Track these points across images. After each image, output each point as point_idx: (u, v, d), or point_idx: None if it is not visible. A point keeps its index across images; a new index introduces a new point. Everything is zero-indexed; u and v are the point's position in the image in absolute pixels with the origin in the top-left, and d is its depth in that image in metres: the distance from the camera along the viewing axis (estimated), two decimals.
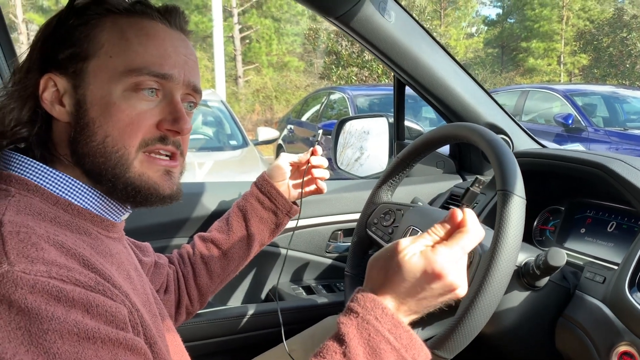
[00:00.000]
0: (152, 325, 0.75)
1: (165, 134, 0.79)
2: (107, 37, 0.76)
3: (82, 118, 0.75)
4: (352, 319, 0.69)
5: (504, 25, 29.62)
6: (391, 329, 0.68)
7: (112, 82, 0.75)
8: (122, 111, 0.75)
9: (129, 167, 0.76)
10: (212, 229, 1.28)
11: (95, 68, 0.75)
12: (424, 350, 0.71)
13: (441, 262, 0.68)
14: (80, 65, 0.75)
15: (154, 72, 0.76)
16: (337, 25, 1.39)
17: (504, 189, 0.90)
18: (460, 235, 0.71)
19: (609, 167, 1.10)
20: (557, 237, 1.29)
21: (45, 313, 0.56)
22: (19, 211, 0.67)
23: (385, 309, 0.69)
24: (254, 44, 23.30)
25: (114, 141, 0.75)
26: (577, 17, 24.95)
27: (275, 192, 1.27)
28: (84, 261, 0.64)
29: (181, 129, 0.79)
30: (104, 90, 0.75)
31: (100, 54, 0.75)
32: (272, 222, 1.28)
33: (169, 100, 0.79)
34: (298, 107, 10.27)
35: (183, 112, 0.80)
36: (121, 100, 0.75)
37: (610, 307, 0.95)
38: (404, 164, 1.27)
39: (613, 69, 22.45)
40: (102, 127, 0.75)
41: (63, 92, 0.76)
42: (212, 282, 1.23)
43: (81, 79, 0.76)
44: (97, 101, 0.75)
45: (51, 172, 0.74)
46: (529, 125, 7.34)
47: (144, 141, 0.77)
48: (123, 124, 0.75)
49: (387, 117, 1.85)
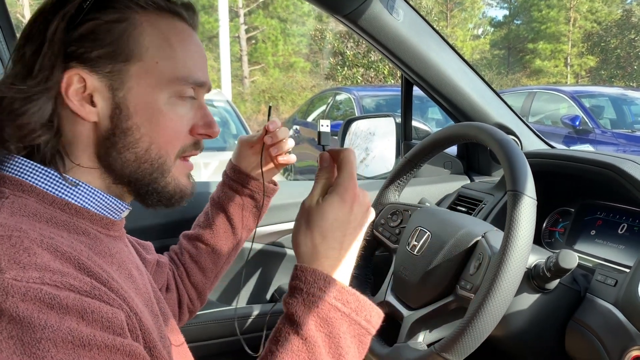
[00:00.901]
0: (154, 326, 0.73)
1: (197, 139, 0.80)
2: (150, 40, 0.73)
3: (123, 122, 0.73)
4: (298, 297, 0.70)
5: (510, 27, 29.58)
6: (337, 295, 0.70)
7: (158, 89, 0.74)
8: (170, 120, 0.75)
9: (167, 172, 0.77)
10: (195, 226, 1.25)
11: (140, 72, 0.73)
12: (375, 310, 0.74)
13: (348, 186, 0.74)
14: (120, 66, 0.72)
15: (197, 82, 0.77)
16: (345, 23, 1.38)
17: (515, 189, 0.89)
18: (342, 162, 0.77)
19: (621, 168, 1.09)
20: (567, 239, 1.27)
21: (38, 321, 0.54)
22: (13, 213, 0.65)
23: (327, 277, 0.70)
24: (260, 44, 23.36)
25: (158, 148, 0.75)
26: (585, 18, 24.88)
27: (244, 176, 1.22)
28: (79, 265, 0.62)
29: (214, 132, 0.81)
30: (150, 96, 0.74)
31: (146, 59, 0.73)
32: (252, 205, 1.23)
33: (197, 104, 0.80)
34: (304, 107, 10.27)
35: (212, 116, 0.81)
36: (168, 108, 0.75)
37: (622, 311, 0.93)
38: (412, 164, 1.25)
39: (620, 70, 22.36)
40: (148, 135, 0.74)
41: (92, 91, 0.72)
42: (207, 278, 1.21)
43: (121, 80, 0.72)
44: (141, 106, 0.73)
45: (47, 172, 0.71)
46: (535, 126, 7.29)
47: (182, 149, 0.78)
48: (168, 131, 0.75)
49: (394, 117, 1.84)
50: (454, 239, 1.02)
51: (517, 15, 29.56)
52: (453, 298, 0.99)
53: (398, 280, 1.12)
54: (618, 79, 22.15)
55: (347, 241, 0.74)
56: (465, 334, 0.83)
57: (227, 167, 1.26)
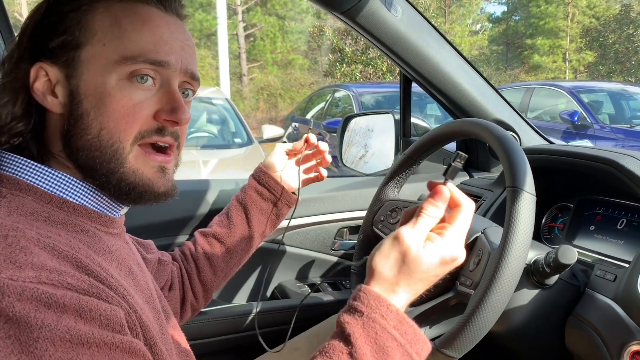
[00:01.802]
0: (155, 323, 0.73)
1: (162, 124, 0.75)
2: (99, 24, 0.72)
3: (75, 110, 0.72)
4: (357, 318, 0.69)
5: (508, 23, 29.52)
6: (396, 325, 0.69)
7: (106, 72, 0.71)
8: (118, 102, 0.71)
9: (123, 161, 0.73)
10: (213, 224, 1.26)
11: (89, 57, 0.72)
12: (427, 344, 0.73)
13: (454, 246, 0.74)
14: (73, 53, 0.72)
15: (150, 59, 0.73)
16: (343, 20, 1.38)
17: (514, 185, 0.89)
18: (460, 214, 0.76)
19: (620, 163, 1.09)
20: (566, 235, 1.27)
21: (35, 321, 0.54)
22: (10, 212, 0.65)
23: (390, 306, 0.70)
24: (259, 41, 23.31)
25: (110, 134, 0.72)
26: (583, 14, 24.84)
27: (273, 182, 1.25)
28: (77, 263, 0.62)
29: (179, 119, 0.75)
30: (98, 80, 0.71)
31: (93, 42, 0.72)
32: (272, 212, 1.27)
33: (166, 89, 0.75)
34: (303, 105, 10.26)
35: (181, 102, 0.76)
36: (116, 90, 0.72)
37: (622, 306, 0.94)
38: (411, 160, 1.25)
39: (619, 65, 22.34)
40: (96, 120, 0.71)
41: (55, 82, 0.73)
42: (216, 276, 1.22)
43: (74, 68, 0.72)
44: (91, 92, 0.72)
45: (44, 170, 0.72)
46: (534, 122, 7.29)
47: (140, 133, 0.74)
48: (119, 115, 0.72)
49: (393, 114, 1.84)
50: None
51: (516, 11, 29.50)
52: (453, 294, 0.99)
53: None
54: (616, 74, 22.12)
55: (423, 287, 0.75)
56: (466, 330, 0.83)
57: (256, 171, 1.28)
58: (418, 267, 0.72)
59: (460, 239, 0.75)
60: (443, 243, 0.73)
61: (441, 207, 0.76)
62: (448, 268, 0.74)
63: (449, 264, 0.74)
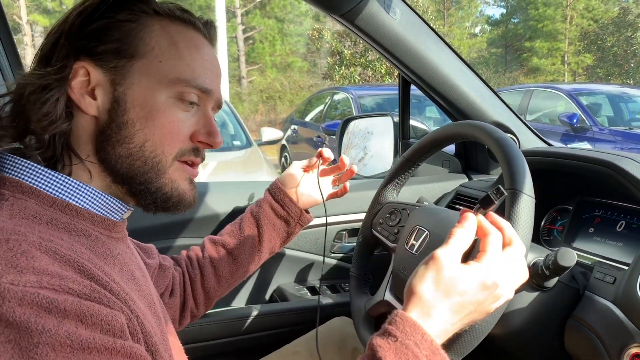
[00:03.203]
0: (157, 329, 0.73)
1: (197, 146, 0.80)
2: (157, 41, 0.75)
3: (119, 117, 0.74)
4: (391, 343, 0.68)
5: (507, 25, 29.60)
6: (429, 355, 0.68)
7: (158, 87, 0.75)
8: (166, 117, 0.75)
9: (163, 173, 0.77)
10: (224, 233, 1.27)
11: (142, 69, 0.74)
12: None
13: (495, 272, 0.73)
14: (124, 62, 0.74)
15: (200, 86, 0.77)
16: (342, 23, 1.38)
17: (513, 187, 0.89)
18: (490, 241, 0.75)
19: (619, 166, 1.09)
20: (565, 237, 1.27)
21: (35, 326, 0.54)
22: (12, 215, 0.64)
23: (425, 335, 0.68)
24: (258, 44, 23.35)
25: (154, 146, 0.75)
26: (581, 16, 24.91)
27: (288, 199, 1.26)
28: (79, 268, 0.62)
29: (215, 142, 0.81)
30: (149, 93, 0.74)
31: (150, 57, 0.74)
32: (283, 230, 1.27)
33: (202, 113, 0.80)
34: (302, 107, 10.26)
35: (216, 126, 0.81)
36: (165, 107, 0.75)
37: (621, 308, 0.93)
38: (410, 163, 1.25)
39: (617, 68, 22.38)
40: (142, 131, 0.74)
41: (95, 84, 0.74)
42: (220, 286, 1.22)
43: (123, 76, 0.74)
44: (139, 102, 0.74)
45: (47, 173, 0.71)
46: (533, 125, 7.30)
47: (181, 151, 0.78)
48: (165, 130, 0.75)
49: (392, 116, 1.84)
50: None
51: (514, 14, 29.58)
52: None
53: (397, 279, 1.12)
54: (615, 76, 22.16)
55: (461, 316, 0.73)
56: (465, 333, 0.83)
57: (272, 186, 1.29)
58: (454, 286, 0.71)
59: (501, 267, 0.74)
60: (480, 267, 0.73)
61: (468, 228, 0.77)
62: (489, 296, 0.73)
63: (490, 290, 0.73)
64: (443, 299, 0.71)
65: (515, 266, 0.76)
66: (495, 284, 0.73)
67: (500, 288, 0.73)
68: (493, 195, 0.78)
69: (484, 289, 0.72)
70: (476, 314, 0.74)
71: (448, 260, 0.72)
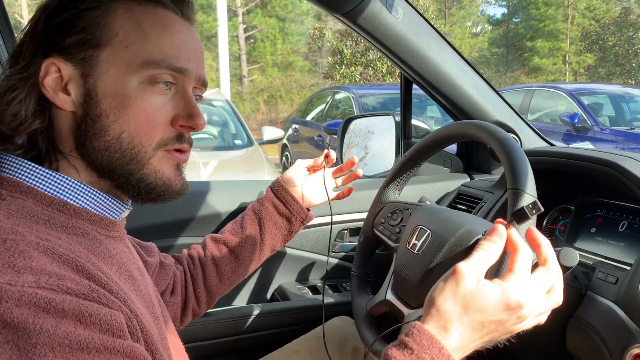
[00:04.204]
0: (155, 329, 0.73)
1: (180, 131, 0.76)
2: (121, 25, 0.72)
3: (92, 109, 0.72)
4: (406, 355, 0.66)
5: (508, 25, 29.57)
6: None
7: (127, 74, 0.71)
8: (139, 105, 0.72)
9: (145, 163, 0.74)
10: (225, 231, 1.26)
11: (109, 57, 0.71)
12: None
13: (518, 292, 0.69)
14: (91, 52, 0.71)
15: (172, 66, 0.73)
16: (344, 22, 1.38)
17: (515, 187, 0.88)
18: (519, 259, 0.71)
19: (621, 165, 1.08)
20: (567, 237, 1.27)
21: (33, 326, 0.53)
22: (9, 215, 0.64)
23: (442, 349, 0.66)
24: (259, 43, 23.34)
25: (130, 137, 0.72)
26: (583, 16, 24.88)
27: (290, 198, 1.26)
28: (77, 267, 0.61)
29: (197, 124, 0.77)
30: (119, 81, 0.71)
31: (115, 43, 0.71)
32: (285, 227, 1.28)
33: (181, 94, 0.76)
34: (303, 106, 10.26)
35: (197, 107, 0.77)
36: (137, 94, 0.72)
37: (623, 308, 0.93)
38: (412, 162, 1.25)
39: (619, 68, 22.35)
40: (116, 122, 0.72)
41: (68, 80, 0.72)
42: (222, 284, 1.22)
43: (91, 67, 0.72)
44: (110, 93, 0.71)
45: (44, 172, 0.71)
46: (534, 124, 7.29)
47: (163, 140, 0.75)
48: (140, 119, 0.72)
49: (394, 116, 1.83)
50: (455, 238, 1.01)
51: (516, 13, 29.55)
52: None
53: (398, 279, 1.12)
54: (616, 76, 22.13)
55: (481, 334, 0.69)
56: None
57: (274, 184, 1.29)
58: (475, 302, 0.68)
59: (528, 288, 0.70)
60: (506, 286, 0.68)
61: (497, 242, 0.73)
62: (513, 317, 0.69)
63: (513, 311, 0.68)
64: (462, 313, 0.68)
65: (544, 288, 0.72)
66: (520, 306, 0.69)
67: (525, 310, 0.69)
68: (528, 209, 0.73)
69: (506, 310, 0.68)
70: (497, 333, 0.71)
71: (469, 273, 0.69)
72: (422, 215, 1.15)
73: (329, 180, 1.33)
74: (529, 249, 0.72)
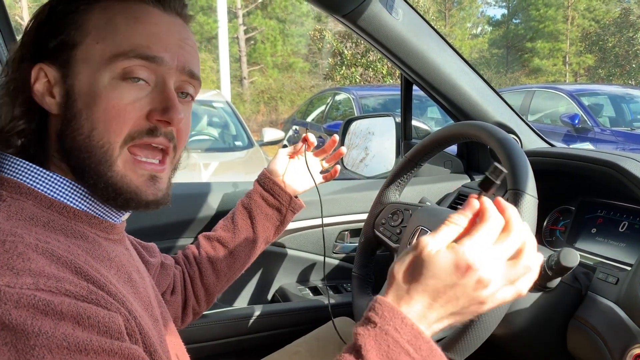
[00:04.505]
0: (154, 330, 0.73)
1: (155, 125, 0.73)
2: (94, 23, 0.71)
3: (69, 110, 0.71)
4: (370, 330, 0.64)
5: (508, 26, 29.58)
6: (411, 339, 0.63)
7: (99, 70, 0.70)
8: (109, 101, 0.70)
9: (112, 165, 0.71)
10: (217, 228, 1.27)
11: (83, 56, 0.71)
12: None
13: (470, 253, 0.63)
14: (68, 53, 0.71)
15: (142, 54, 0.71)
16: (344, 23, 1.38)
17: (516, 187, 0.89)
18: (482, 225, 0.66)
19: (621, 166, 1.09)
20: (568, 237, 1.27)
21: (32, 328, 0.53)
22: (9, 216, 0.64)
23: (405, 319, 0.64)
24: (259, 45, 23.36)
25: (100, 135, 0.70)
26: (583, 17, 24.88)
27: (277, 188, 1.26)
28: (76, 269, 0.61)
29: (171, 118, 0.73)
30: (91, 79, 0.70)
31: (87, 41, 0.71)
32: (276, 218, 1.27)
33: (160, 88, 0.73)
34: (303, 107, 10.26)
35: (175, 100, 0.74)
36: (108, 90, 0.70)
37: (624, 309, 0.93)
38: (412, 163, 1.25)
39: (619, 68, 22.36)
40: (88, 120, 0.70)
41: (54, 83, 0.73)
42: (219, 281, 1.22)
43: (69, 68, 0.71)
44: (84, 91, 0.71)
45: (45, 174, 0.71)
46: (535, 125, 7.29)
47: (130, 135, 0.72)
48: (109, 116, 0.70)
49: (394, 117, 1.84)
50: None
51: (516, 14, 29.56)
52: None
53: None
54: (616, 77, 22.14)
55: (441, 302, 0.65)
56: (468, 333, 0.83)
57: (260, 176, 1.28)
58: (428, 270, 0.64)
59: (481, 251, 0.64)
60: (458, 248, 0.64)
61: (467, 215, 0.68)
62: (468, 281, 0.64)
63: (465, 273, 0.63)
64: (416, 281, 0.65)
65: (504, 252, 0.66)
66: (470, 267, 0.63)
67: (482, 273, 0.64)
68: (491, 175, 0.69)
69: (456, 271, 0.63)
70: (460, 301, 0.65)
71: (429, 244, 0.65)
72: (423, 216, 1.16)
73: (314, 164, 1.32)
74: (500, 218, 0.68)
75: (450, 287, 0.65)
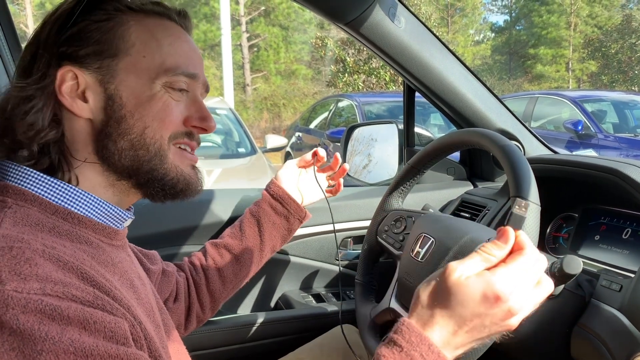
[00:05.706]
0: (156, 337, 0.73)
1: (190, 129, 0.82)
2: (137, 36, 0.77)
3: (116, 112, 0.75)
4: (395, 353, 0.64)
5: (511, 32, 29.63)
6: None
7: (148, 80, 0.77)
8: (161, 104, 0.77)
9: (165, 158, 0.78)
10: (225, 235, 1.27)
11: (128, 65, 0.76)
12: None
13: (501, 284, 0.64)
14: (108, 61, 0.75)
15: (186, 72, 0.80)
16: (347, 31, 1.39)
17: (518, 195, 0.89)
18: (519, 257, 0.66)
19: (624, 173, 1.08)
20: (571, 245, 1.27)
21: (39, 333, 0.54)
22: (15, 223, 0.65)
23: (432, 346, 0.64)
24: (262, 52, 23.44)
25: (153, 131, 0.77)
26: (585, 23, 24.92)
27: (286, 197, 1.27)
28: (82, 275, 0.62)
29: (209, 126, 0.83)
30: (140, 86, 0.76)
31: (132, 53, 0.76)
32: (284, 227, 1.28)
33: (192, 98, 0.82)
34: (306, 114, 10.29)
35: (209, 112, 0.83)
36: (158, 96, 0.77)
37: (628, 316, 0.93)
38: (415, 170, 1.25)
39: (622, 75, 22.36)
40: (140, 119, 0.76)
41: (85, 87, 0.75)
42: (225, 288, 1.23)
43: (111, 75, 0.75)
44: (134, 96, 0.76)
45: (49, 181, 0.72)
46: (538, 131, 7.28)
47: (174, 134, 0.79)
48: (162, 115, 0.77)
49: (397, 124, 1.84)
50: (458, 245, 1.01)
51: (518, 21, 29.62)
52: None
53: (402, 287, 1.12)
54: (619, 83, 22.14)
55: (465, 329, 0.65)
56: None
57: (269, 185, 1.31)
58: (456, 295, 0.64)
59: (513, 282, 0.64)
60: (490, 278, 0.64)
61: (503, 247, 0.67)
62: (496, 310, 0.64)
63: (492, 304, 0.64)
64: (443, 306, 0.65)
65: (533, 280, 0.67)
66: (499, 298, 0.63)
67: (512, 302, 0.64)
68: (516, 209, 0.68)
69: (484, 302, 0.64)
70: (485, 329, 0.66)
71: (457, 270, 0.66)
72: (426, 223, 1.16)
73: (320, 178, 1.35)
74: (535, 251, 0.68)
75: (478, 316, 0.65)
